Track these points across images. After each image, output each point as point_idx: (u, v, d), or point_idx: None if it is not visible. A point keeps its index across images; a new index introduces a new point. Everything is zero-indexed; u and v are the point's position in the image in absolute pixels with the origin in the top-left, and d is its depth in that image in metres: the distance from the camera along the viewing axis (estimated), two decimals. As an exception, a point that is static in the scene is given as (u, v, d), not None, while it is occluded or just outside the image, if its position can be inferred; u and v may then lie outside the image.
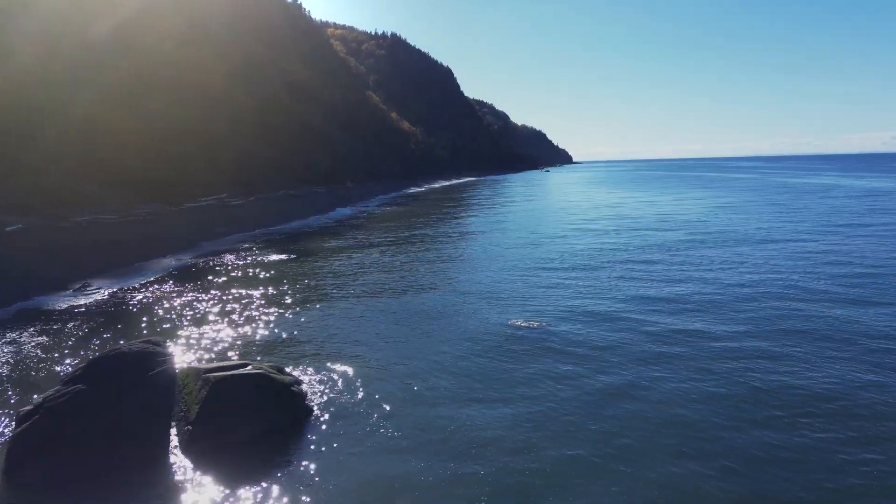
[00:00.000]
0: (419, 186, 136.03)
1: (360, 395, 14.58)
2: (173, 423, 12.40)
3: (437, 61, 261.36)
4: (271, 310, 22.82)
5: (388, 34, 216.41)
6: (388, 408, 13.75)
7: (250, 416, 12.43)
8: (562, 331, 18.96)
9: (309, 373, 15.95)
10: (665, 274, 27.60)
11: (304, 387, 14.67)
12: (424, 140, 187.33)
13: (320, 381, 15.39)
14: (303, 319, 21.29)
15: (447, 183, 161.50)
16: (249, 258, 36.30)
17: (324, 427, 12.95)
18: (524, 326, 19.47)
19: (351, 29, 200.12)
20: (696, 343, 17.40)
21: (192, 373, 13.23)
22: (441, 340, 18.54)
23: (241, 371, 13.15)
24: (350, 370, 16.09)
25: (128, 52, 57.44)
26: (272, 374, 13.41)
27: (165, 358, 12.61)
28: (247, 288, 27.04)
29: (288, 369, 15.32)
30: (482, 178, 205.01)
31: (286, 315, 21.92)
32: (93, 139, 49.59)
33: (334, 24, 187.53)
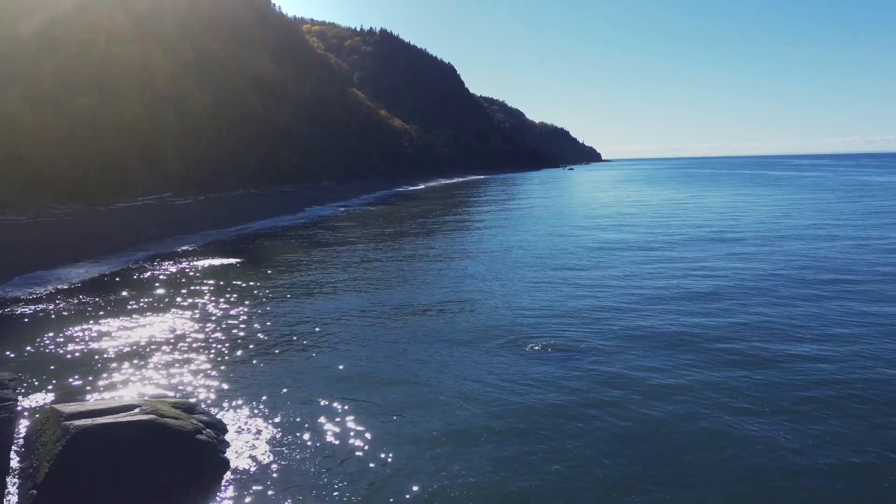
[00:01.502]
0: (413, 185, 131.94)
1: (307, 447, 10.99)
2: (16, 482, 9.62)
3: (436, 58, 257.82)
4: (199, 330, 18.56)
5: (377, 30, 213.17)
6: (344, 471, 10.12)
7: (129, 478, 9.31)
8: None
9: (237, 415, 12.34)
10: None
11: (228, 433, 11.39)
12: (421, 137, 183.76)
13: (250, 427, 11.77)
14: (240, 343, 17.14)
15: (447, 181, 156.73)
16: (185, 265, 31.48)
17: (242, 490, 9.65)
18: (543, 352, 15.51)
19: (332, 25, 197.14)
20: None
21: (54, 417, 10.01)
22: (425, 378, 14.27)
23: (120, 417, 9.81)
24: (296, 413, 12.35)
25: (56, 49, 54.58)
26: (168, 420, 10.17)
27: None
28: (171, 302, 22.45)
29: (213, 411, 12.14)
30: (492, 176, 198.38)
31: (218, 337, 17.75)
32: (9, 137, 46.69)
33: (312, 20, 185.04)
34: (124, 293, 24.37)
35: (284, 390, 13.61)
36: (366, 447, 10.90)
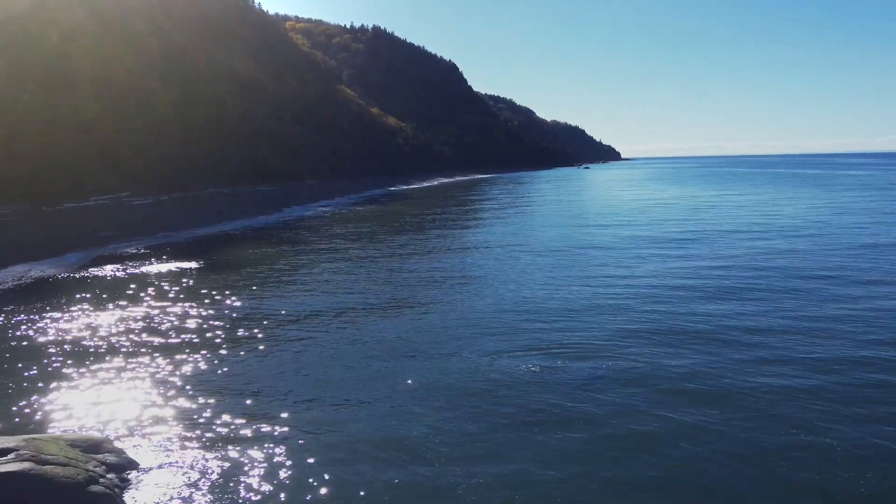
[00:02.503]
0: (407, 184, 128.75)
1: (236, 491, 8.97)
2: None
3: (436, 56, 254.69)
4: (130, 347, 16.07)
5: (369, 27, 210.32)
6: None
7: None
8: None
9: (157, 450, 10.16)
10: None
11: (141, 474, 9.11)
12: (417, 136, 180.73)
13: (171, 464, 9.63)
14: (178, 364, 14.67)
15: (447, 180, 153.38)
16: (132, 269, 28.67)
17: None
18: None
19: (319, 22, 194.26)
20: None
21: None
22: (411, 400, 12.25)
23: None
24: (229, 448, 10.25)
25: (5, 46, 52.19)
26: (51, 467, 7.97)
27: None
28: (102, 313, 19.66)
29: (129, 445, 10.04)
30: (497, 175, 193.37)
31: (153, 356, 15.22)
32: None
33: (296, 17, 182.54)
34: (50, 302, 21.56)
35: (220, 420, 11.26)
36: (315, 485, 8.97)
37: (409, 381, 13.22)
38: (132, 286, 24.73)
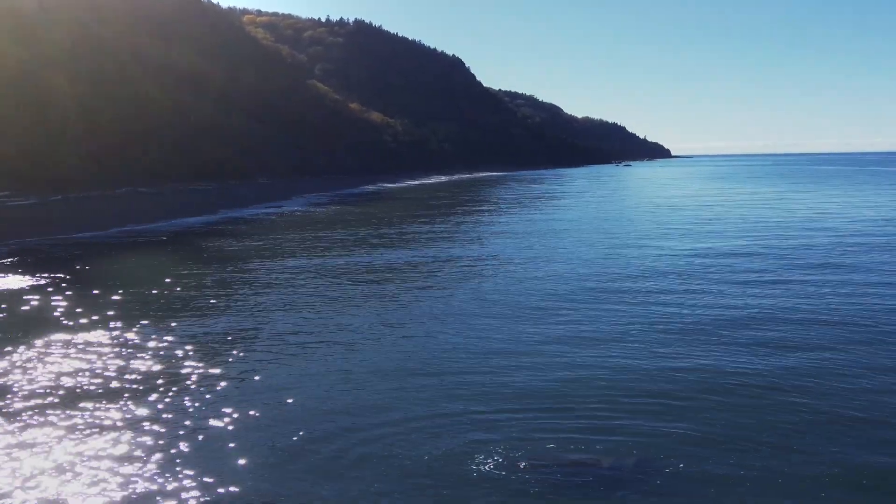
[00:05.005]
0: (393, 182, 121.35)
1: None
2: None
3: (436, 50, 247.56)
4: None
5: (350, 21, 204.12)
6: None
7: None
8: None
9: None
10: None
11: None
12: (410, 132, 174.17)
13: None
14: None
15: (445, 179, 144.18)
16: None
17: None
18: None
19: (286, 16, 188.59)
20: None
21: None
22: None
23: None
24: None
25: None
26: None
27: None
28: None
29: None
30: (512, 173, 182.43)
31: None
32: None
33: (258, 11, 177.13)
34: None
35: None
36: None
37: None
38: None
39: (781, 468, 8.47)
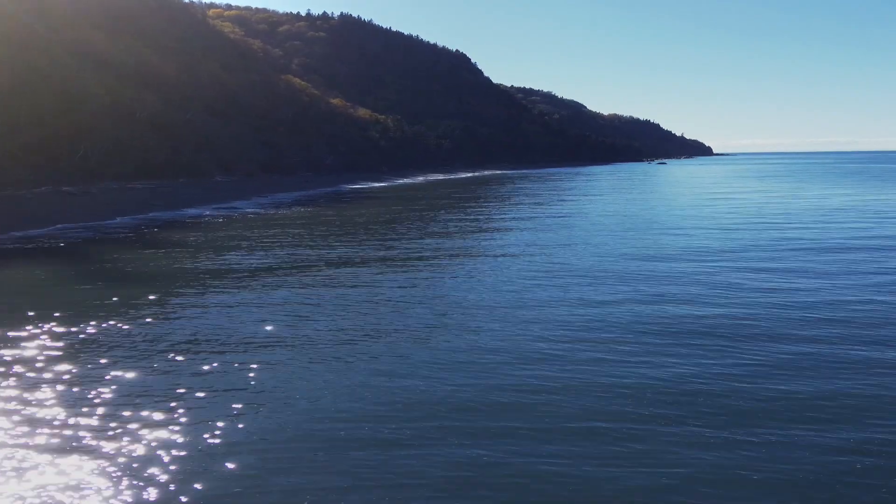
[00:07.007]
0: (379, 181, 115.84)
1: None
2: None
3: (436, 45, 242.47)
4: None
5: (334, 15, 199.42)
6: None
7: None
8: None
9: None
10: None
11: None
12: (403, 128, 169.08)
13: None
14: None
15: (443, 177, 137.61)
16: None
17: None
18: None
19: (260, 10, 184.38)
20: None
21: None
22: None
23: None
24: None
25: None
26: None
27: None
28: None
29: None
30: (524, 171, 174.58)
31: None
32: None
33: (227, 5, 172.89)
34: None
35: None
36: None
37: None
38: None
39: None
